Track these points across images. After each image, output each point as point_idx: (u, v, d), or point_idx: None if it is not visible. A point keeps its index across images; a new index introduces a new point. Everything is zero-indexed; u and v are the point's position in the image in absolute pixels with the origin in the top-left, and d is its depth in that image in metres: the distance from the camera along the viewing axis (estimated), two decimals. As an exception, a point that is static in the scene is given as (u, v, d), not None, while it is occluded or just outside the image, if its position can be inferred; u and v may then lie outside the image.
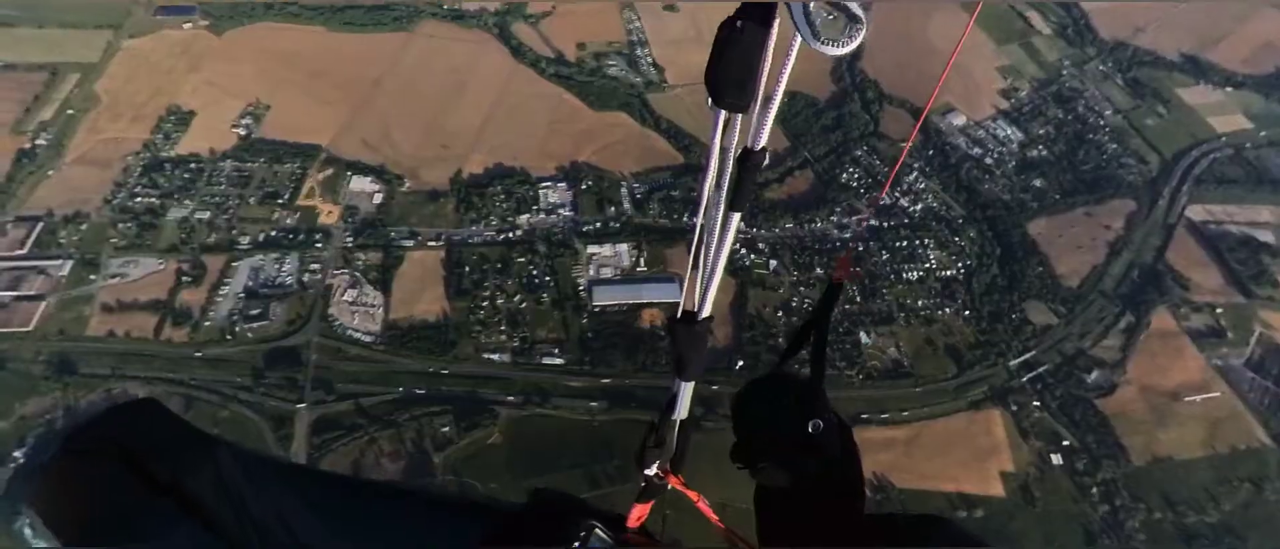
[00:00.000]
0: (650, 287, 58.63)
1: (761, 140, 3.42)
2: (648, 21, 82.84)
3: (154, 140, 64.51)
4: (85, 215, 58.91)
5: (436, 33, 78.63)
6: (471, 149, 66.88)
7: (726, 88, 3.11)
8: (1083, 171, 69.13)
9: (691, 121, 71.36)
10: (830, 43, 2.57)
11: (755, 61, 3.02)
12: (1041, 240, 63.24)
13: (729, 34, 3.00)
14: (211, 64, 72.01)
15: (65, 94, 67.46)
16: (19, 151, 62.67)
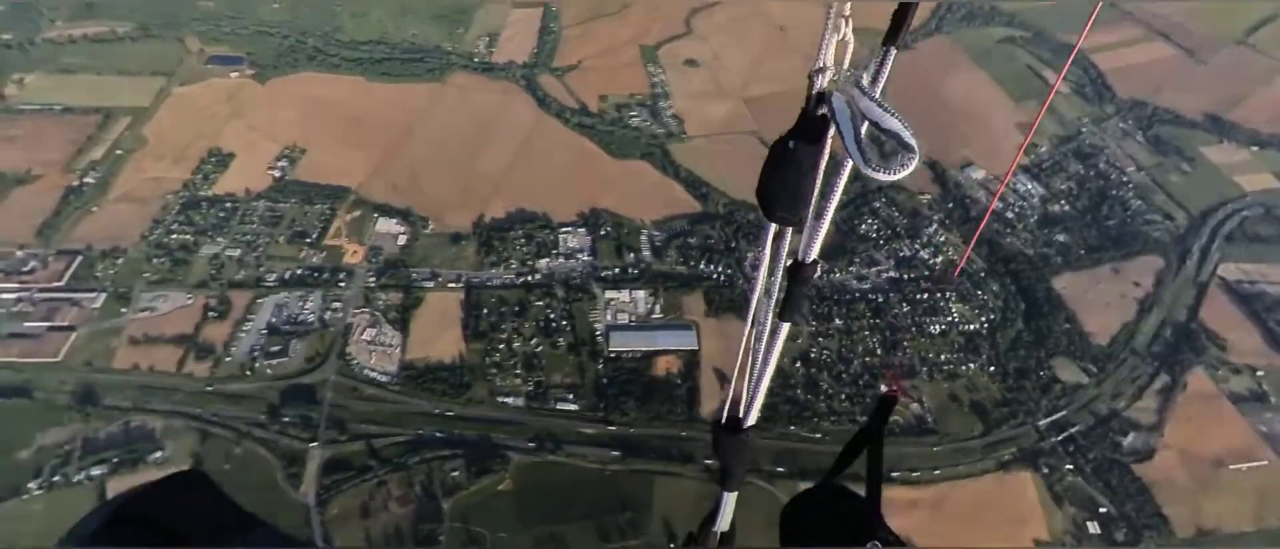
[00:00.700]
0: (666, 334, 58.29)
1: (812, 253, 3.49)
2: (670, 75, 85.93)
3: (194, 180, 67.39)
4: (123, 250, 61.08)
5: (467, 84, 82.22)
6: (495, 194, 68.55)
7: (778, 203, 3.20)
8: (1107, 227, 68.25)
9: (710, 170, 72.58)
10: (882, 169, 2.61)
11: (807, 181, 3.11)
12: (1067, 296, 61.91)
13: (781, 152, 3.12)
14: (254, 110, 75.86)
15: (116, 136, 71.28)
16: (67, 189, 65.83)
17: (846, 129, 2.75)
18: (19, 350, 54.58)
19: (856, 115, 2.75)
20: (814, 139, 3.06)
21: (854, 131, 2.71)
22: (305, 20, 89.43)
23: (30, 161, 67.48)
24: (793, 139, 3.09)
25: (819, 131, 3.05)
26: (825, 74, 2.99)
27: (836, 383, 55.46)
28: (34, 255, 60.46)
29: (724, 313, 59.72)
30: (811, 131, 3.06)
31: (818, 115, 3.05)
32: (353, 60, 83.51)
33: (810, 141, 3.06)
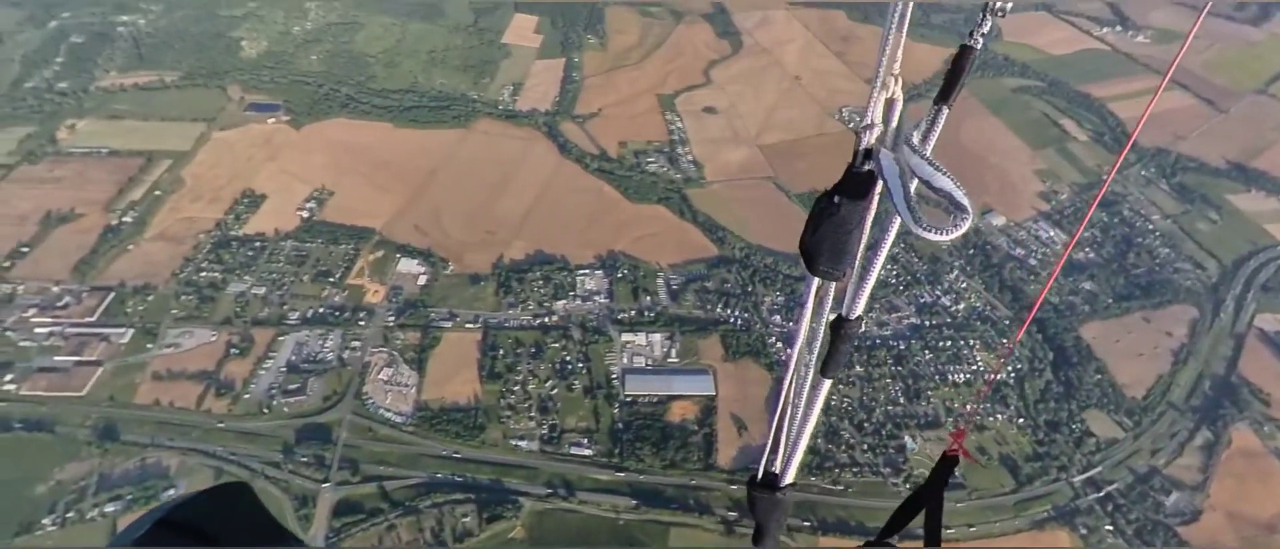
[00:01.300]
0: (682, 378, 57.54)
1: (856, 310, 3.44)
2: (688, 123, 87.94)
3: (226, 220, 69.68)
4: (154, 287, 62.79)
5: (491, 130, 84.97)
6: (515, 236, 69.65)
7: (821, 258, 3.14)
8: (1135, 276, 66.75)
9: (727, 215, 73.15)
10: (933, 229, 2.55)
11: (852, 237, 3.07)
12: (1097, 346, 60.07)
13: (825, 206, 3.08)
14: (287, 153, 78.98)
15: (156, 177, 74.45)
16: (106, 227, 68.42)
17: (895, 187, 2.71)
18: (46, 384, 55.64)
19: (905, 173, 2.73)
20: (860, 195, 3.03)
21: (903, 190, 2.67)
22: (340, 70, 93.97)
23: (74, 201, 70.55)
24: (838, 194, 3.06)
25: (865, 188, 3.02)
26: (873, 131, 2.97)
27: (858, 432, 53.85)
28: (69, 291, 62.39)
29: (741, 358, 58.97)
30: (857, 187, 3.03)
31: (864, 171, 3.02)
32: (383, 107, 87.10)
33: (856, 197, 3.03)
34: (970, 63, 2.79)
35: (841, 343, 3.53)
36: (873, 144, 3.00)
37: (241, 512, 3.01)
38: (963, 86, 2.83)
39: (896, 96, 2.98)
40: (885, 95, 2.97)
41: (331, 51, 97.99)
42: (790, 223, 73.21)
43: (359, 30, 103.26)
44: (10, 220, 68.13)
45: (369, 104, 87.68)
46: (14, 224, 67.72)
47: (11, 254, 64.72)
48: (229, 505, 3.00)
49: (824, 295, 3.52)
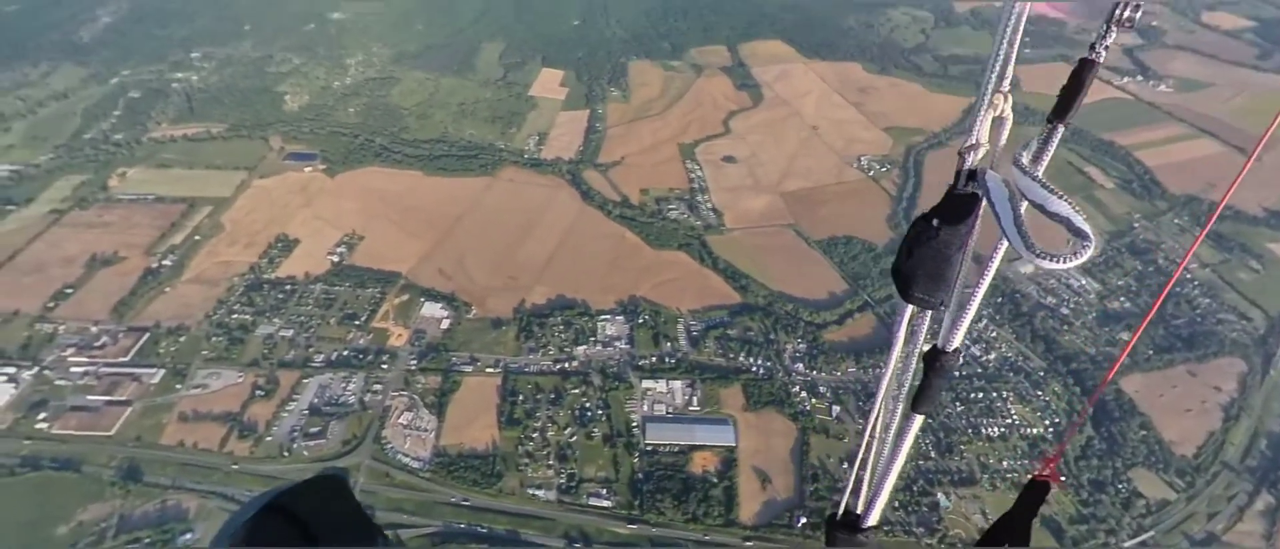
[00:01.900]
0: (704, 428, 56.24)
1: (954, 341, 3.20)
2: (709, 171, 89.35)
3: (259, 264, 71.88)
4: (187, 328, 64.44)
5: (516, 178, 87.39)
6: (537, 280, 70.34)
7: (917, 284, 2.98)
8: (1176, 327, 64.27)
9: (749, 262, 73.07)
10: (1048, 256, 2.35)
11: (951, 263, 2.90)
12: (1140, 400, 57.33)
13: (923, 230, 2.93)
14: (321, 200, 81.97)
15: (196, 222, 77.64)
16: (146, 270, 71.03)
17: (1004, 210, 2.52)
18: (76, 423, 56.67)
19: (1015, 195, 2.55)
20: (961, 218, 2.86)
21: (1013, 213, 2.49)
22: (376, 122, 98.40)
23: (118, 245, 73.69)
24: (937, 217, 2.90)
25: (967, 210, 2.85)
26: (978, 150, 2.82)
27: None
28: (107, 331, 64.32)
29: (763, 408, 57.60)
30: (959, 210, 2.85)
31: (967, 193, 2.85)
32: (414, 157, 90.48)
33: (957, 221, 2.86)
34: (1091, 78, 2.63)
35: (936, 376, 3.30)
36: (978, 164, 2.84)
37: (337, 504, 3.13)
38: (1080, 104, 2.66)
39: (1005, 115, 2.83)
40: (992, 113, 2.81)
41: (368, 104, 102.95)
42: (812, 270, 72.82)
43: (395, 85, 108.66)
44: (58, 262, 71.25)
45: (401, 153, 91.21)
46: (61, 266, 70.78)
47: (56, 295, 67.32)
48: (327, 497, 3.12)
49: (918, 325, 3.31)
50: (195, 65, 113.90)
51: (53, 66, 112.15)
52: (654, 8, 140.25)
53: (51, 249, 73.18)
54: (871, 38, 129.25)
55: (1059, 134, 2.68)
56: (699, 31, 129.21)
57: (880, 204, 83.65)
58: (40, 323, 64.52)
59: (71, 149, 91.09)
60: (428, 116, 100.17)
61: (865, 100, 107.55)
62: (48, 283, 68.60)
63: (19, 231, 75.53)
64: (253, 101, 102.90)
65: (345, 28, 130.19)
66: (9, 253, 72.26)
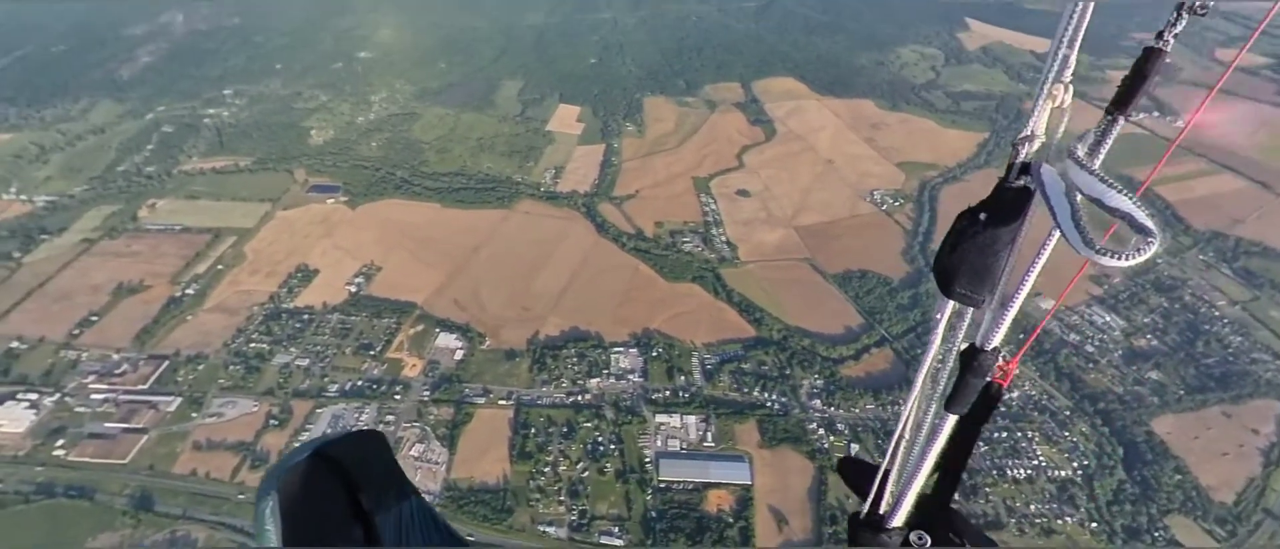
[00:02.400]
0: (718, 465, 55.01)
1: (994, 340, 3.07)
2: (723, 205, 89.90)
3: (279, 293, 72.95)
4: (205, 356, 65.16)
5: (532, 210, 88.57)
6: (551, 312, 70.43)
7: (960, 279, 2.87)
8: (1207, 366, 62.26)
9: (763, 296, 72.65)
10: (1107, 253, 2.25)
11: (998, 258, 2.80)
12: (1172, 442, 55.17)
13: (969, 224, 2.83)
14: (342, 231, 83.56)
15: (220, 252, 79.37)
16: (170, 298, 72.39)
17: (1059, 204, 2.42)
18: (93, 450, 56.99)
19: (1071, 190, 2.45)
20: (1011, 213, 2.76)
21: (1070, 208, 2.38)
22: (397, 155, 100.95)
23: (144, 274, 75.39)
24: (984, 211, 2.80)
25: (1018, 205, 2.76)
26: (1033, 142, 2.72)
27: (911, 531, 49.63)
28: (128, 359, 65.25)
29: (779, 445, 56.32)
30: (1009, 204, 2.76)
31: (1018, 186, 2.76)
32: (433, 189, 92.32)
33: (1006, 215, 2.76)
34: (1157, 67, 2.52)
35: (972, 376, 3.13)
36: (1032, 157, 2.74)
37: (377, 457, 3.30)
38: (1144, 95, 2.56)
39: (1064, 106, 2.72)
40: (1051, 105, 2.71)
41: (390, 139, 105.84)
42: (827, 304, 72.13)
43: (416, 120, 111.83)
44: (86, 290, 72.95)
45: (420, 186, 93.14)
46: (89, 294, 72.42)
47: (82, 322, 68.69)
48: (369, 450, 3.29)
49: (957, 322, 3.17)
50: (227, 102, 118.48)
51: (92, 102, 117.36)
52: (669, 46, 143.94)
53: (80, 277, 75.05)
54: (882, 75, 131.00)
55: (1119, 127, 2.58)
56: (713, 69, 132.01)
57: (895, 238, 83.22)
58: (65, 350, 65.69)
59: (105, 181, 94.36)
60: (447, 150, 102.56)
61: (878, 136, 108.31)
62: (74, 310, 70.12)
63: (50, 260, 77.72)
64: (280, 136, 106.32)
65: (371, 66, 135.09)
66: (39, 280, 74.21)
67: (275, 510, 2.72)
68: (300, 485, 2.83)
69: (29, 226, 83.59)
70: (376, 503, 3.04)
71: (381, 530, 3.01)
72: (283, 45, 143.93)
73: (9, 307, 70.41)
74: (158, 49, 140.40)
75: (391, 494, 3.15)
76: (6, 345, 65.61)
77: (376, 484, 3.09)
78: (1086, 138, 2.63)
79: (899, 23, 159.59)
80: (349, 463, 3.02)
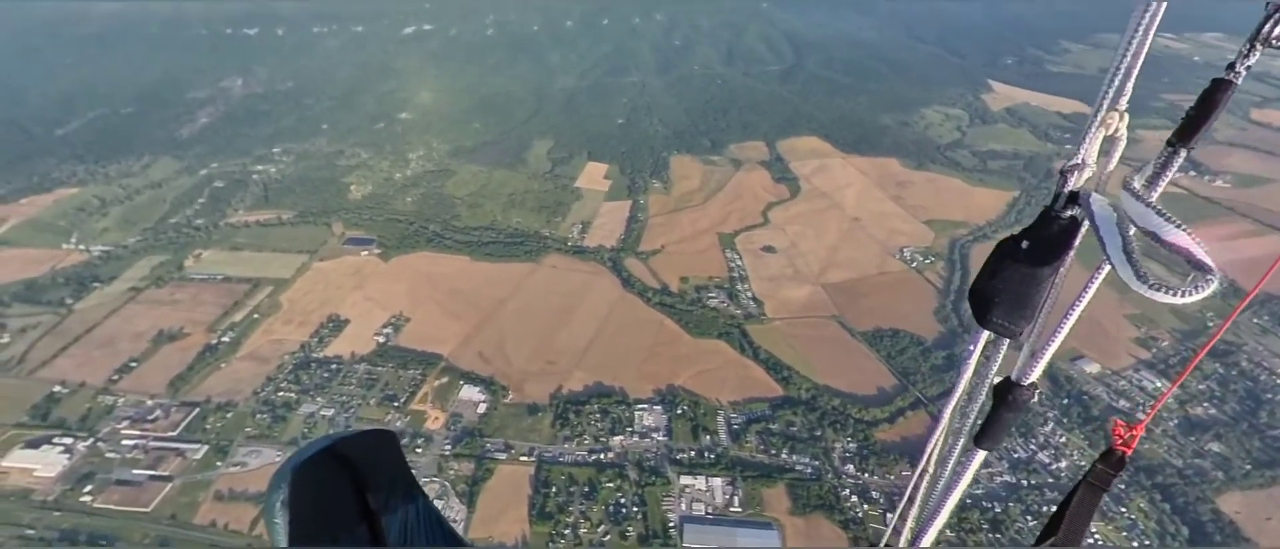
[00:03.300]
0: (746, 532, 52.36)
1: (1031, 374, 2.92)
2: (749, 261, 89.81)
3: (309, 342, 74.29)
4: (235, 404, 66.01)
5: (559, 264, 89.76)
6: (575, 366, 69.95)
7: (997, 309, 2.74)
8: (1273, 438, 57.95)
9: (791, 354, 71.13)
10: (1163, 288, 2.15)
11: (1038, 289, 2.69)
12: (1244, 522, 50.75)
13: (1011, 250, 2.73)
14: (374, 283, 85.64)
15: (257, 301, 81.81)
16: (206, 346, 74.31)
17: (1110, 236, 2.32)
18: (118, 497, 57.27)
19: (1124, 221, 2.35)
20: (1056, 243, 2.66)
21: (1122, 240, 2.27)
22: (430, 210, 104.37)
23: (184, 321, 77.87)
24: (1028, 239, 2.69)
25: (1065, 235, 2.67)
26: (1083, 171, 2.63)
27: (957, 614, 46.01)
28: (161, 405, 66.46)
29: (811, 512, 53.58)
30: (1054, 234, 2.67)
31: (1065, 216, 2.66)
32: (464, 242, 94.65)
33: (1050, 245, 2.67)
34: (1225, 101, 2.42)
35: (1005, 411, 2.95)
36: (1082, 186, 2.64)
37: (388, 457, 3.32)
38: (1209, 129, 2.44)
39: (1119, 134, 2.62)
40: (1104, 132, 2.61)
41: (425, 194, 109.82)
42: (858, 363, 70.15)
43: (451, 177, 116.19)
44: (128, 337, 75.46)
45: (452, 239, 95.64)
46: (131, 340, 74.85)
47: (121, 368, 70.68)
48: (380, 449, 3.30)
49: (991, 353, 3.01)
50: (275, 159, 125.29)
51: (153, 159, 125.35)
52: (694, 107, 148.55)
53: (124, 324, 77.86)
54: (907, 135, 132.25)
55: (1180, 159, 2.45)
56: (738, 129, 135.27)
57: (926, 297, 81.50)
58: (103, 395, 67.36)
59: (157, 232, 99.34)
60: (479, 206, 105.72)
61: (904, 194, 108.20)
62: (115, 356, 72.35)
63: (98, 307, 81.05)
64: (321, 191, 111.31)
65: (410, 126, 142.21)
66: (87, 327, 77.18)
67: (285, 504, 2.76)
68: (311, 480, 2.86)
69: (83, 275, 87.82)
70: (383, 503, 3.11)
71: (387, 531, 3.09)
72: (330, 107, 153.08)
73: (56, 352, 73.07)
74: (217, 111, 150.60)
75: (398, 495, 3.22)
76: (49, 389, 67.62)
77: (385, 484, 3.15)
78: (1144, 169, 2.51)
79: (922, 85, 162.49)
80: (360, 461, 3.08)
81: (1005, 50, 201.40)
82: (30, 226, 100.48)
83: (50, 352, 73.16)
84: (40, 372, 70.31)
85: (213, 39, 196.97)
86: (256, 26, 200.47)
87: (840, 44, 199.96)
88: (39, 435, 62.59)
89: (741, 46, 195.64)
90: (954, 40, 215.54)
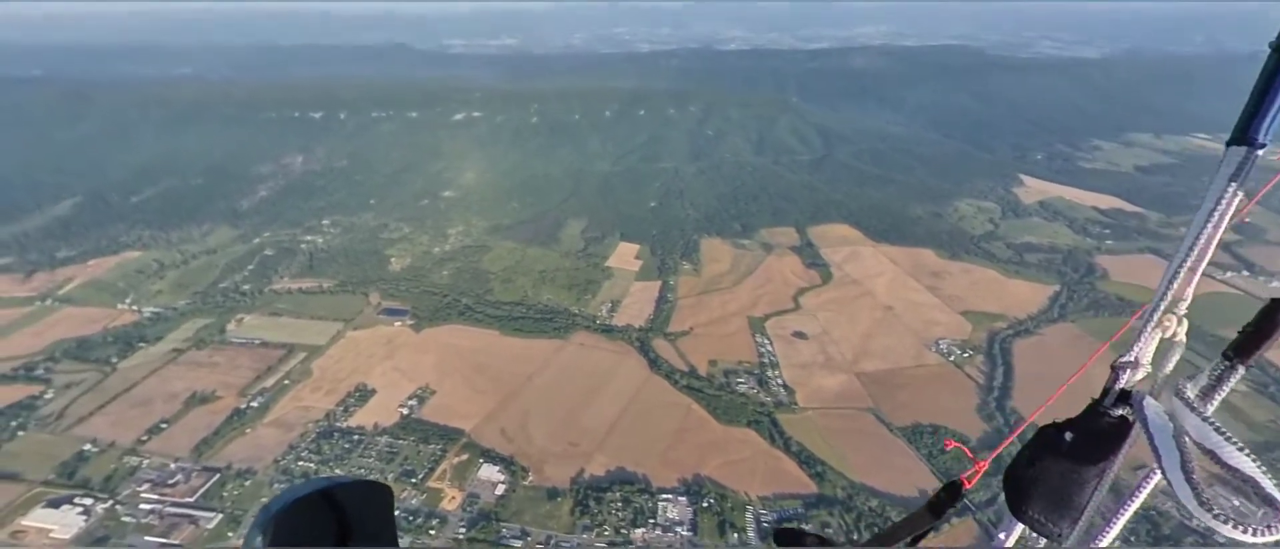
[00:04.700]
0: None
1: None
2: (779, 346, 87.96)
3: (335, 411, 74.32)
4: (254, 472, 65.40)
5: (587, 342, 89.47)
6: (598, 448, 67.71)
7: (1035, 503, 2.55)
8: None
9: (825, 447, 67.62)
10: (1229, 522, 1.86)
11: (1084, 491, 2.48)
12: None
13: (1053, 442, 2.57)
14: (404, 353, 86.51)
15: (290, 367, 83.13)
16: (235, 410, 75.02)
17: (1166, 448, 2.11)
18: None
19: (1181, 432, 2.16)
20: (1104, 441, 2.50)
21: (1180, 455, 2.05)
22: (464, 284, 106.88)
23: (218, 384, 79.29)
24: (1073, 431, 2.54)
25: (1115, 436, 2.50)
26: (1137, 371, 2.53)
27: None
28: (183, 469, 66.31)
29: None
30: (1103, 432, 2.51)
31: (1114, 414, 2.52)
32: (494, 317, 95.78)
33: (1097, 442, 2.51)
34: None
35: None
36: (1133, 386, 2.53)
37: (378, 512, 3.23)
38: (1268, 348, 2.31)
39: (1178, 340, 2.52)
40: (1161, 334, 2.51)
41: (461, 268, 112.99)
42: (896, 461, 66.09)
43: (486, 252, 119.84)
44: (164, 397, 76.92)
45: (483, 313, 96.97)
46: (165, 401, 76.22)
47: (152, 429, 71.51)
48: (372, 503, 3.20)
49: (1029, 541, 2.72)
50: (324, 230, 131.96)
51: (213, 227, 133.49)
52: (725, 193, 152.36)
53: (162, 385, 79.66)
54: (940, 226, 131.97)
55: (1237, 375, 2.33)
56: (768, 214, 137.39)
57: (966, 392, 77.69)
58: (129, 455, 67.79)
59: (206, 296, 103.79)
60: (511, 281, 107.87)
61: (939, 284, 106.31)
62: (148, 416, 73.47)
63: (141, 367, 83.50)
64: (363, 262, 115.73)
65: (453, 203, 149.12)
66: (126, 385, 79.21)
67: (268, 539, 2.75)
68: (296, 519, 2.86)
69: (132, 334, 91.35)
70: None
71: None
72: (380, 183, 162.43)
73: (94, 410, 74.72)
74: (276, 185, 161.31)
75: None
76: (80, 447, 68.49)
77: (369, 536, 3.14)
78: (1198, 379, 2.39)
79: (952, 178, 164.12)
80: (350, 509, 3.06)
81: (1033, 146, 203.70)
82: (92, 286, 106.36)
83: (88, 408, 74.85)
84: (75, 428, 71.63)
85: (281, 121, 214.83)
86: (321, 111, 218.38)
87: (868, 137, 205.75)
88: (62, 494, 62.72)
89: (772, 137, 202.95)
90: (980, 136, 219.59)
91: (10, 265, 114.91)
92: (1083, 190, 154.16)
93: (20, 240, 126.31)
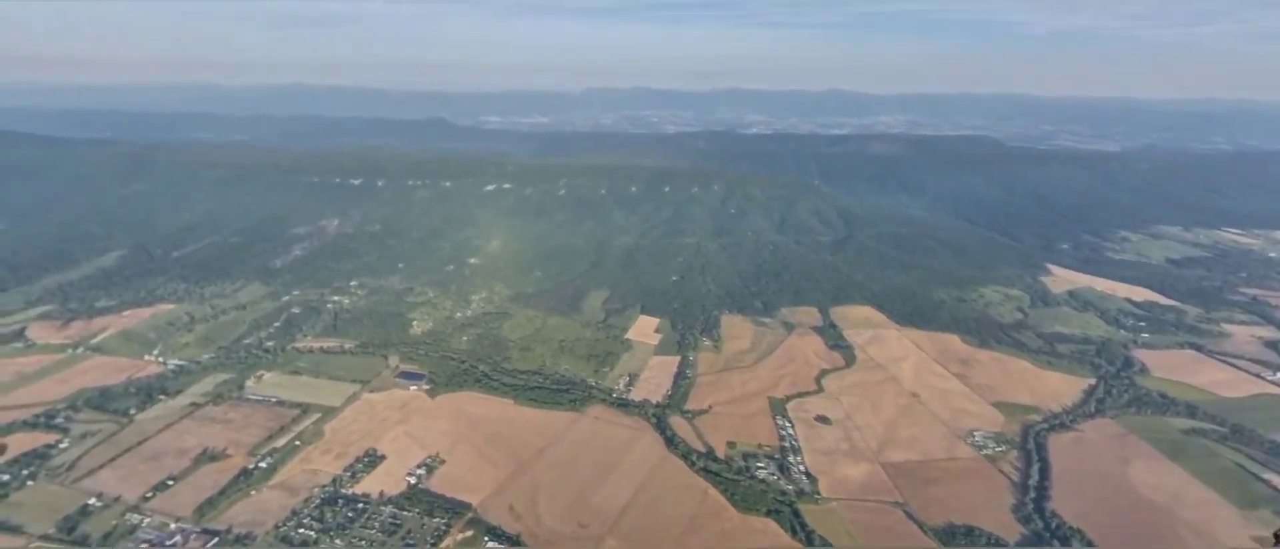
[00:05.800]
0: None
1: None
2: (801, 430, 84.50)
3: (342, 476, 72.47)
4: (254, 537, 63.13)
5: (602, 416, 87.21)
6: (609, 532, 64.19)
7: None
8: None
9: (851, 543, 63.13)
10: None
11: None
12: None
13: None
14: (417, 419, 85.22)
15: (302, 428, 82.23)
16: (242, 470, 73.67)
17: None
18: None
19: None
20: None
21: None
22: (483, 350, 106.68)
23: (229, 442, 78.51)
24: None
25: None
26: None
27: None
28: (182, 531, 64.36)
29: None
30: None
31: None
32: (510, 385, 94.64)
33: None
34: None
35: None
36: None
37: None
38: None
39: None
40: None
41: (480, 335, 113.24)
42: (930, 564, 61.13)
43: (507, 319, 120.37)
44: (174, 453, 76.23)
45: (499, 381, 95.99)
46: (175, 457, 75.46)
47: (159, 485, 70.34)
48: None
49: None
50: (351, 291, 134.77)
51: (246, 284, 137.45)
52: (747, 270, 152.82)
53: (175, 439, 79.22)
54: (966, 312, 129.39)
55: None
56: (790, 293, 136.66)
57: (1001, 489, 72.94)
58: (131, 512, 66.35)
59: (230, 351, 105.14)
60: (530, 349, 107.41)
61: (968, 373, 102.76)
62: (157, 471, 72.55)
63: (157, 419, 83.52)
64: (385, 324, 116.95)
65: (478, 270, 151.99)
66: (140, 438, 78.93)
67: None
68: None
69: (154, 386, 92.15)
70: None
71: None
72: (409, 249, 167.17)
73: (105, 462, 74.20)
74: (310, 246, 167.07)
75: None
76: (84, 501, 67.41)
77: None
78: None
79: (976, 264, 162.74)
80: None
81: (1058, 235, 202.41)
82: (123, 337, 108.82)
83: (100, 460, 74.35)
84: (84, 480, 70.87)
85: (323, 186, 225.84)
86: (361, 178, 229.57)
87: (890, 220, 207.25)
88: (59, 550, 61.09)
89: (793, 217, 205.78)
90: (1004, 223, 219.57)
91: (51, 312, 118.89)
92: (1113, 281, 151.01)
93: (65, 289, 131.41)
